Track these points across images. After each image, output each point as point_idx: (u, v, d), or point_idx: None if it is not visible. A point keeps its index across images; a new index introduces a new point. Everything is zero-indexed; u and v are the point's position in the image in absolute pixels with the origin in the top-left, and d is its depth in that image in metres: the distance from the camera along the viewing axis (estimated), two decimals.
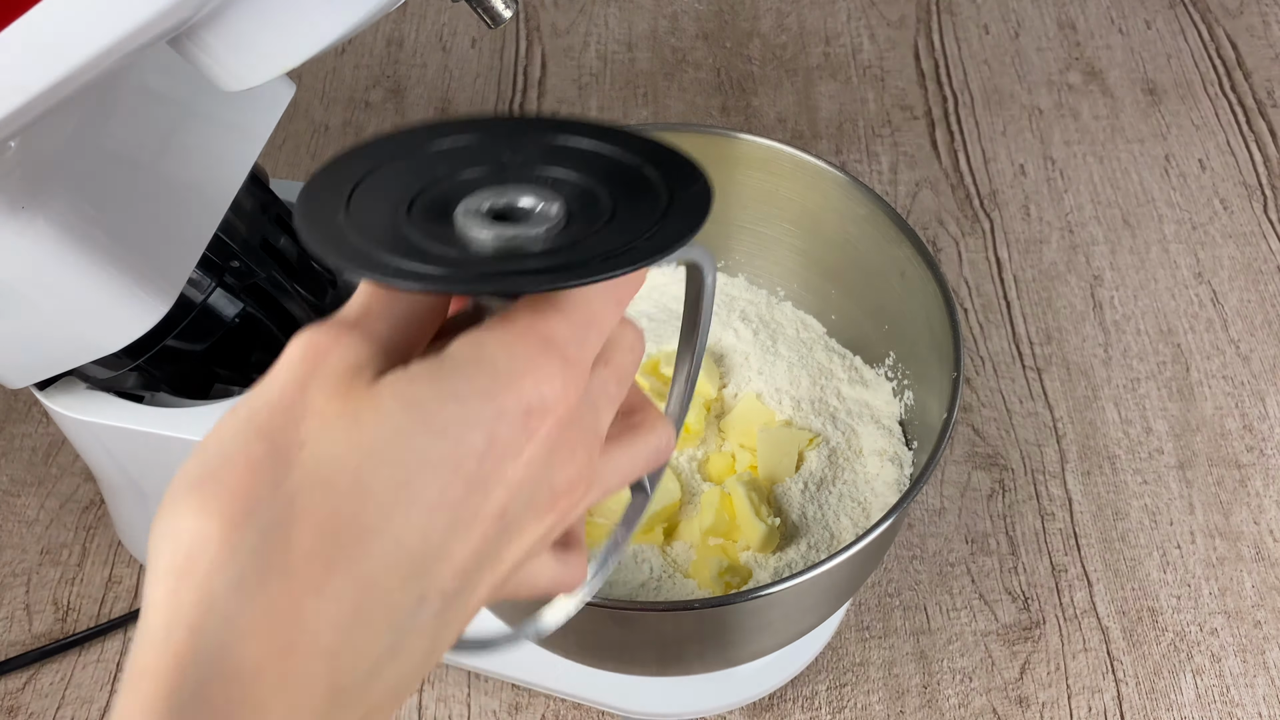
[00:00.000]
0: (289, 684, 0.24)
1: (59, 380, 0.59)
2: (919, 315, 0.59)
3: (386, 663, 0.26)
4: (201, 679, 0.23)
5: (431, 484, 0.26)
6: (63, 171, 0.47)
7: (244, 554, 0.24)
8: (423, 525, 0.26)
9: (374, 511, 0.25)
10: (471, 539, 0.26)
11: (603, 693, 0.66)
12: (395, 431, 0.25)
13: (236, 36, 0.33)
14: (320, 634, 0.24)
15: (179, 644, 0.24)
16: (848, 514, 0.59)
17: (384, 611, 0.25)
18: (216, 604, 0.24)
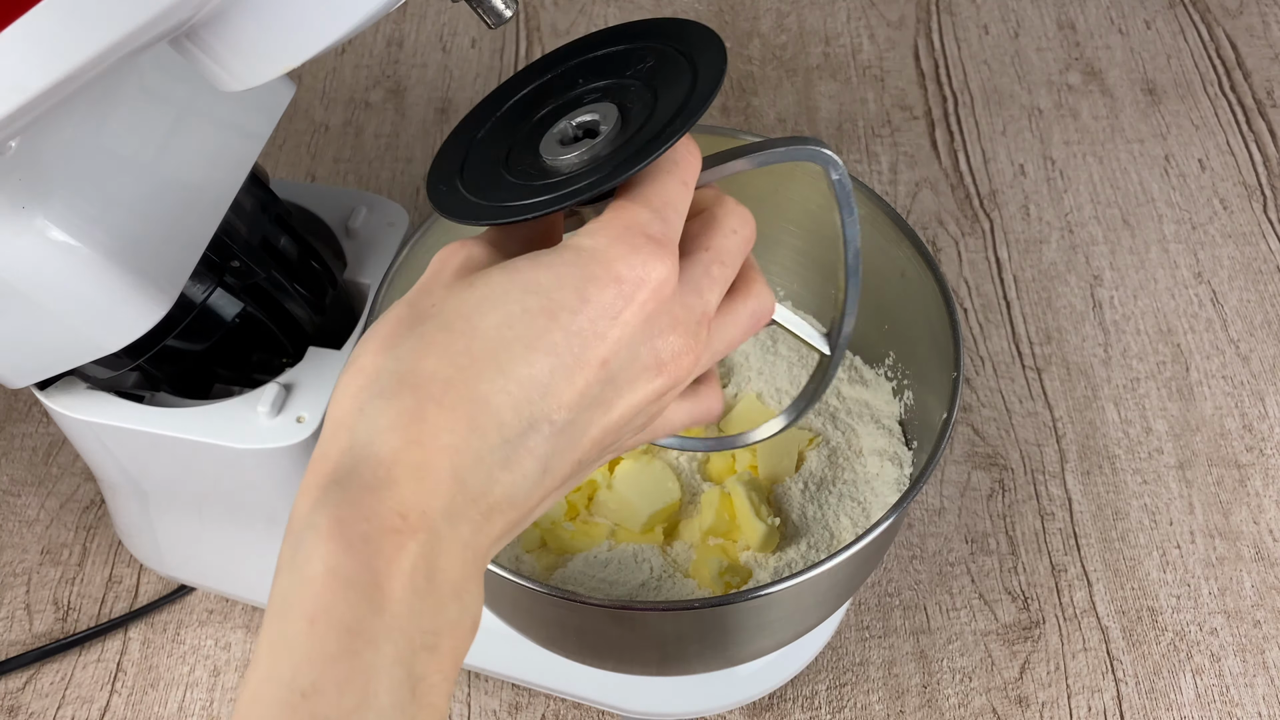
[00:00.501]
0: (419, 470, 0.31)
1: (59, 380, 0.59)
2: (919, 315, 0.59)
3: (499, 470, 0.32)
4: (354, 461, 0.31)
5: (530, 329, 0.32)
6: (63, 171, 0.47)
7: (385, 375, 0.32)
8: (526, 361, 0.32)
9: (481, 345, 0.32)
10: (576, 382, 0.33)
11: (603, 692, 0.66)
12: (500, 290, 0.33)
13: (237, 37, 0.33)
14: (441, 434, 0.31)
15: (341, 439, 0.32)
16: (848, 514, 0.59)
17: (495, 426, 0.32)
18: (365, 410, 0.32)
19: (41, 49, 0.31)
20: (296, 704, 0.28)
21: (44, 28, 0.31)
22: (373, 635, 0.29)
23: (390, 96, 1.03)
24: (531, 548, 0.60)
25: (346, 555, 0.29)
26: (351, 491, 0.30)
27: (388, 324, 0.33)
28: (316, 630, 0.29)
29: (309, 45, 0.34)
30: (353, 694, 0.29)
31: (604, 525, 0.61)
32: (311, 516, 0.30)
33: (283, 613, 0.30)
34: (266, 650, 0.29)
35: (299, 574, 0.30)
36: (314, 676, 0.28)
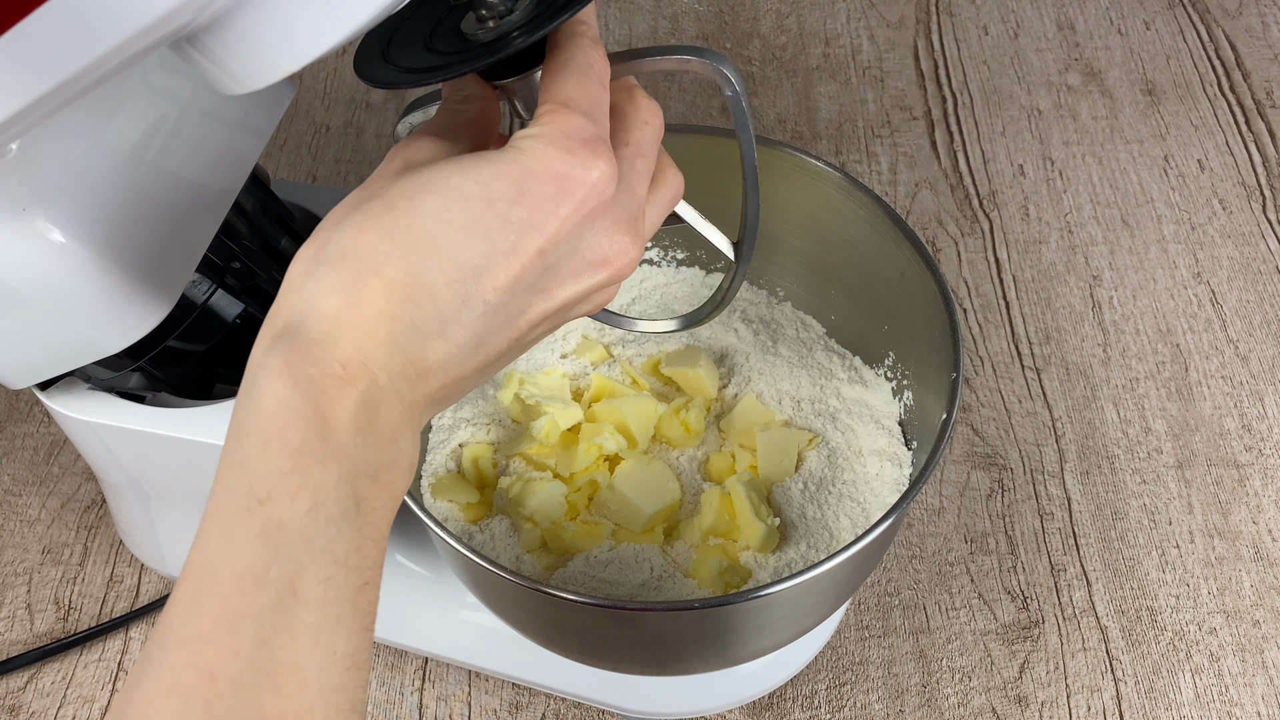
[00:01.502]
0: (357, 329, 0.34)
1: (60, 380, 0.59)
2: (918, 315, 0.59)
3: (434, 339, 0.35)
4: (301, 317, 0.35)
5: (467, 213, 0.35)
6: (64, 173, 0.47)
7: (332, 246, 0.35)
8: (461, 243, 0.35)
9: (421, 225, 0.35)
10: (511, 268, 0.36)
11: (603, 692, 0.66)
12: (443, 177, 0.36)
13: (237, 41, 0.33)
14: (378, 299, 0.35)
15: (291, 299, 0.35)
16: (847, 514, 0.59)
17: (429, 298, 0.35)
18: (312, 274, 0.35)
19: (42, 53, 0.31)
20: (254, 509, 0.33)
21: (45, 32, 0.31)
22: (320, 456, 0.33)
23: (391, 96, 1.03)
24: (532, 548, 0.60)
25: (295, 392, 0.34)
26: (299, 341, 0.34)
27: (342, 205, 0.37)
28: (270, 449, 0.33)
29: (310, 49, 0.34)
30: (304, 500, 0.33)
31: (604, 525, 0.61)
32: (264, 359, 0.34)
33: (239, 438, 0.34)
34: (226, 469, 0.34)
35: (253, 405, 0.34)
36: (269, 486, 0.33)
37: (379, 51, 0.40)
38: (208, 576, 0.33)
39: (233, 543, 0.33)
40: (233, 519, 0.33)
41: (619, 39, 1.08)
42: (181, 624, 0.32)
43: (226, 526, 0.33)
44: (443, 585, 0.68)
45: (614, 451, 0.62)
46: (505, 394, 0.64)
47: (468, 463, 0.63)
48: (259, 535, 0.33)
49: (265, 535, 0.33)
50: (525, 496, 0.60)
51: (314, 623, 0.33)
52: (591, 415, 0.64)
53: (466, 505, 0.61)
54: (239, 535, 0.33)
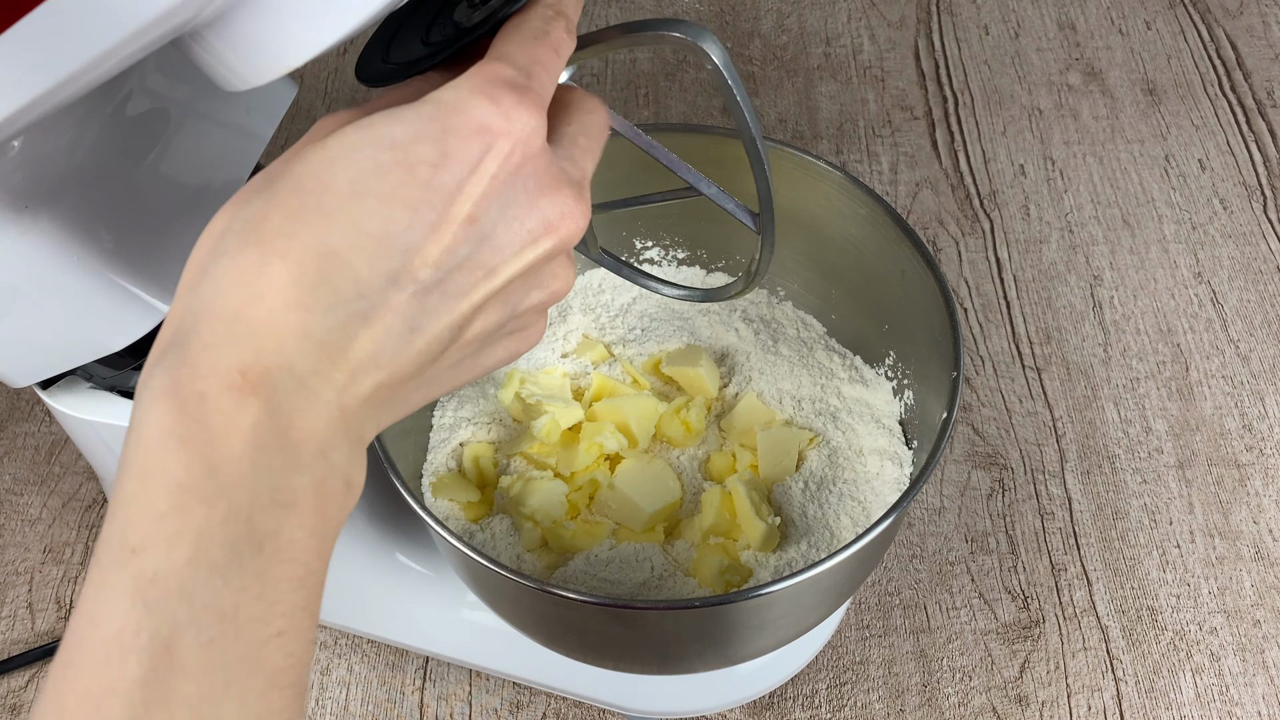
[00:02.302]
0: (261, 325, 0.30)
1: (62, 379, 0.59)
2: (919, 315, 0.59)
3: (359, 326, 0.31)
4: (195, 321, 0.30)
5: (384, 182, 0.30)
6: (66, 171, 0.47)
7: (230, 236, 0.31)
8: (381, 215, 0.30)
9: (331, 200, 0.30)
10: (441, 239, 0.31)
11: (603, 691, 0.66)
12: (352, 146, 0.31)
13: (239, 37, 0.33)
14: (286, 288, 0.30)
15: (183, 301, 0.31)
16: (848, 513, 0.59)
17: (348, 280, 0.30)
18: (207, 269, 0.30)
19: (44, 49, 0.31)
20: (126, 560, 0.28)
21: (47, 28, 0.31)
22: (205, 492, 0.29)
23: None
24: (532, 547, 0.60)
25: (180, 415, 0.29)
26: (190, 351, 0.29)
27: (247, 187, 0.32)
28: (148, 487, 0.29)
29: (312, 45, 0.34)
30: (183, 548, 0.28)
31: (605, 524, 0.61)
32: (148, 379, 0.30)
33: (120, 476, 0.29)
34: (108, 515, 0.29)
35: (135, 435, 0.29)
36: (142, 533, 0.28)
37: (380, 55, 0.40)
38: (77, 644, 0.28)
39: (103, 602, 0.28)
40: (105, 573, 0.28)
41: None
42: (46, 702, 0.28)
43: (99, 583, 0.29)
44: (443, 584, 0.68)
45: (615, 451, 0.62)
46: (506, 393, 0.64)
47: (468, 462, 0.63)
48: (130, 592, 0.28)
49: (137, 592, 0.28)
50: (526, 495, 0.60)
51: (195, 694, 0.28)
52: (592, 414, 0.64)
53: (467, 504, 0.61)
54: (110, 593, 0.28)
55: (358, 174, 0.31)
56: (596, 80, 1.04)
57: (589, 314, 0.69)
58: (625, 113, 1.01)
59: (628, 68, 1.05)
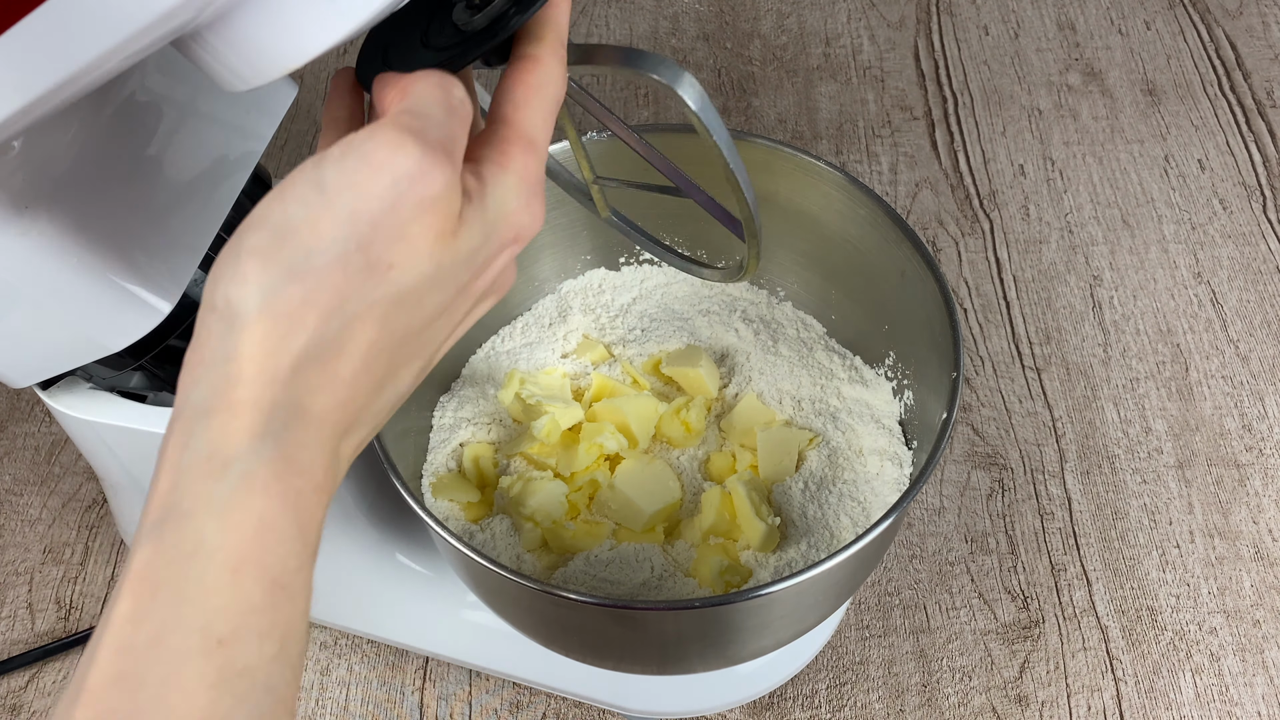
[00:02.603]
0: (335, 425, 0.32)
1: (62, 380, 0.59)
2: (919, 315, 0.59)
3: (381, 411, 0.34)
4: (289, 415, 0.31)
5: (454, 300, 0.34)
6: (66, 172, 0.47)
7: (328, 339, 0.31)
8: (439, 327, 0.34)
9: (418, 320, 0.33)
10: (452, 323, 0.35)
11: (603, 691, 0.66)
12: (455, 272, 0.33)
13: (240, 38, 0.33)
14: (360, 394, 0.32)
15: (275, 393, 0.30)
16: (848, 513, 0.59)
17: (394, 380, 0.34)
18: (302, 370, 0.31)
19: (45, 49, 0.31)
20: (211, 650, 0.28)
21: (47, 29, 0.31)
22: (294, 590, 0.30)
23: None
24: (532, 547, 0.60)
25: (283, 510, 0.30)
26: (288, 447, 0.30)
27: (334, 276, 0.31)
28: (241, 579, 0.29)
29: (312, 46, 0.34)
30: (272, 643, 0.29)
31: (605, 525, 0.61)
32: (245, 465, 0.30)
33: (193, 555, 0.29)
34: (169, 593, 0.29)
35: (226, 520, 0.29)
36: (233, 625, 0.29)
37: (379, 56, 0.40)
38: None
39: (180, 691, 0.28)
40: (181, 660, 0.28)
41: (619, 39, 1.08)
42: None
43: (173, 669, 0.28)
44: (443, 585, 0.68)
45: (615, 451, 0.62)
46: (506, 394, 0.64)
47: (468, 462, 0.63)
48: (216, 684, 0.28)
49: (225, 684, 0.28)
50: (526, 496, 0.60)
51: None
52: (592, 415, 0.64)
53: (467, 505, 0.61)
54: (189, 681, 0.28)
55: (444, 298, 0.33)
56: (596, 80, 1.04)
57: (589, 314, 0.69)
58: (625, 113, 1.01)
59: None
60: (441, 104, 0.33)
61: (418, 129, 0.32)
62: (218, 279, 0.31)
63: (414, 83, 0.34)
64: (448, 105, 0.33)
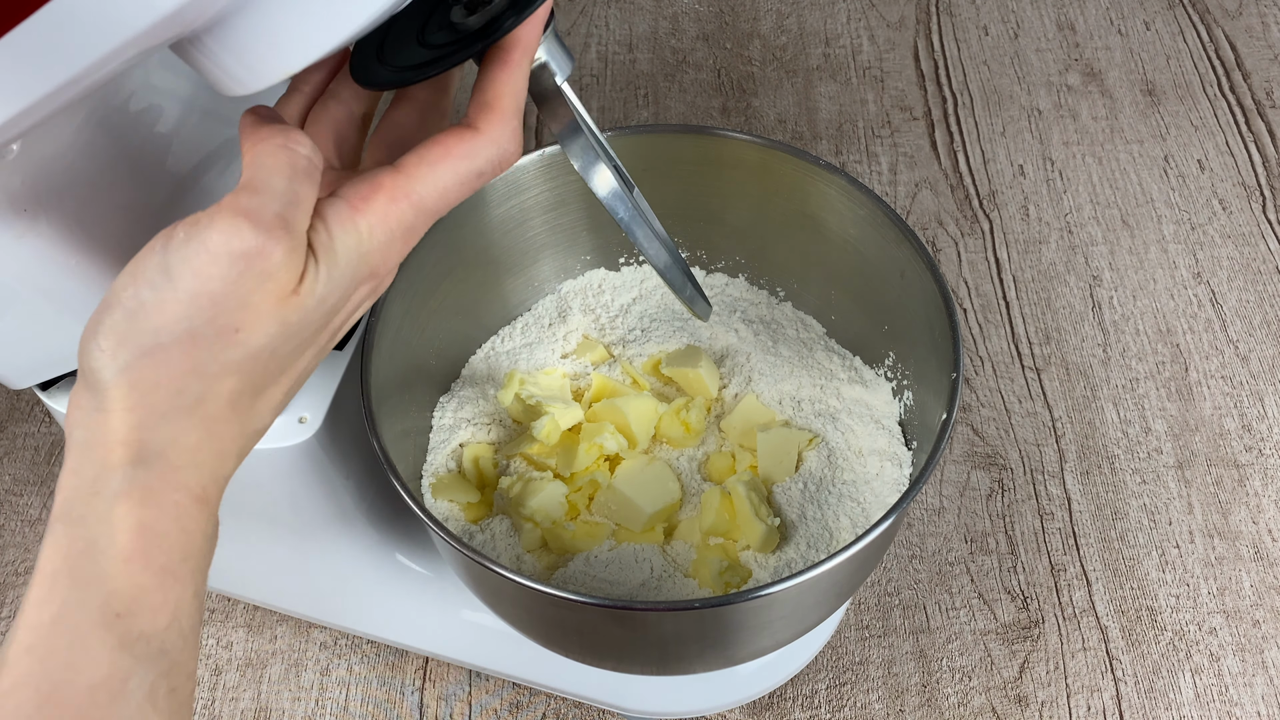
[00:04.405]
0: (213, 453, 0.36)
1: (61, 380, 0.59)
2: (918, 315, 0.59)
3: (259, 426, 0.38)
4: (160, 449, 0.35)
5: (312, 338, 0.38)
6: (65, 174, 0.47)
7: (189, 393, 0.35)
8: (303, 359, 0.38)
9: (276, 365, 0.37)
10: (316, 350, 0.39)
11: (603, 692, 0.66)
12: (306, 321, 0.37)
13: (239, 42, 0.33)
14: (231, 426, 0.37)
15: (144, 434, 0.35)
16: (847, 514, 0.59)
17: (266, 405, 0.38)
18: (168, 418, 0.35)
19: (44, 54, 0.31)
20: (111, 622, 0.34)
21: (47, 33, 0.31)
22: (181, 575, 0.35)
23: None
24: (532, 548, 0.60)
25: (160, 515, 0.35)
26: (160, 469, 0.35)
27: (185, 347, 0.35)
28: (132, 567, 0.34)
29: (310, 50, 0.34)
30: (164, 615, 0.35)
31: (605, 525, 0.61)
32: (119, 485, 0.35)
33: (89, 553, 0.34)
34: (70, 581, 0.34)
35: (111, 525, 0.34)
36: (129, 601, 0.34)
37: (374, 54, 0.40)
38: (54, 688, 0.33)
39: (85, 654, 0.33)
40: (84, 631, 0.33)
41: (619, 39, 1.08)
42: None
43: (76, 638, 0.33)
44: (443, 585, 0.68)
45: (614, 451, 0.62)
46: (506, 394, 0.64)
47: (468, 463, 0.63)
48: (117, 647, 0.33)
49: (125, 647, 0.34)
50: (526, 496, 0.60)
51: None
52: (592, 415, 0.64)
53: (467, 505, 0.61)
54: (93, 646, 0.33)
55: (301, 340, 0.37)
56: (596, 81, 1.04)
57: (589, 314, 0.69)
58: (625, 113, 1.01)
59: (627, 68, 1.05)
60: (284, 171, 0.36)
61: (254, 209, 0.34)
62: (83, 348, 0.35)
63: (257, 146, 0.36)
64: (291, 170, 0.36)
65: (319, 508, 0.63)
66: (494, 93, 0.39)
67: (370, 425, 0.53)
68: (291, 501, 0.62)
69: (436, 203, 0.38)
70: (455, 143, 0.38)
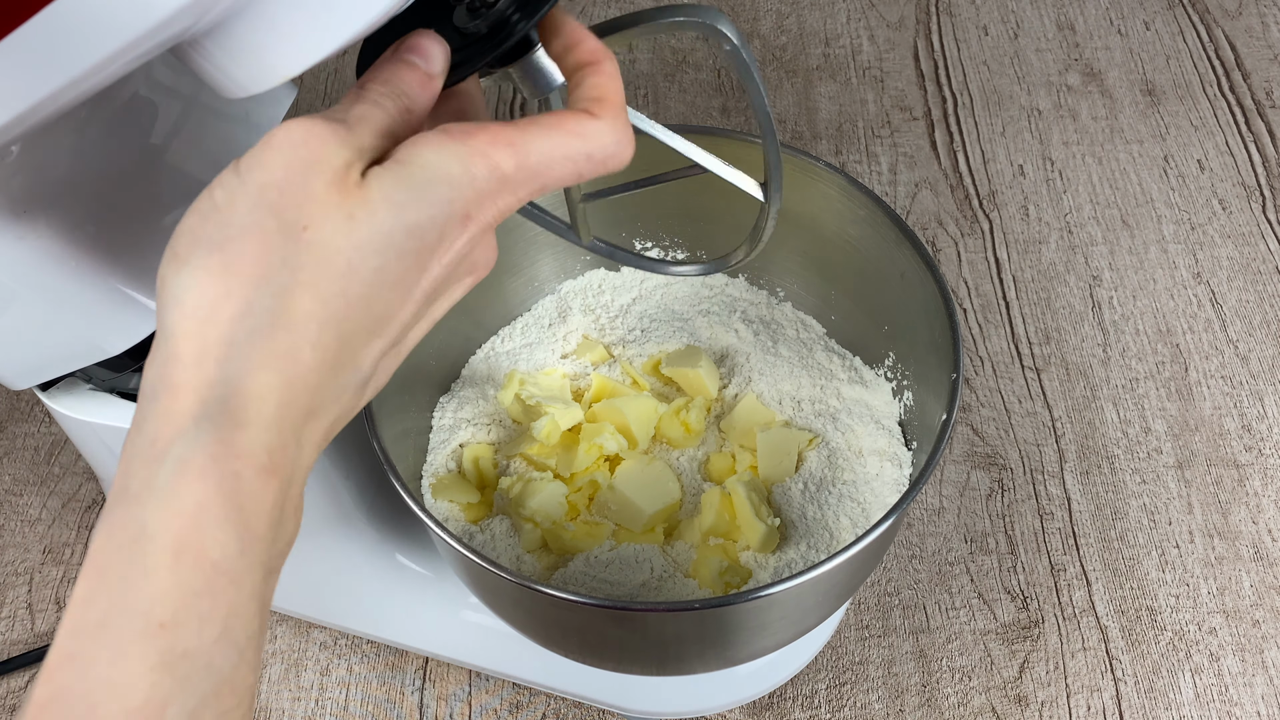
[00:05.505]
0: (284, 406, 0.32)
1: (61, 381, 0.59)
2: (918, 316, 0.59)
3: (343, 393, 0.34)
4: (225, 394, 0.31)
5: (397, 268, 0.33)
6: (65, 175, 0.47)
7: (259, 310, 0.31)
8: (387, 298, 0.33)
9: (356, 288, 0.32)
10: (411, 300, 0.34)
11: (603, 692, 0.66)
12: (384, 233, 0.32)
13: (237, 45, 0.33)
14: (310, 373, 0.32)
15: (209, 371, 0.31)
16: (847, 514, 0.59)
17: (351, 358, 0.33)
18: (237, 344, 0.31)
19: (44, 57, 0.31)
20: (153, 633, 0.29)
21: (46, 36, 0.31)
22: (236, 574, 0.30)
23: None
24: (532, 548, 0.60)
25: (218, 494, 0.30)
26: (224, 429, 0.30)
27: (252, 243, 0.32)
28: (182, 565, 0.30)
29: (310, 53, 0.34)
30: (213, 626, 0.30)
31: (605, 525, 0.61)
32: (181, 449, 0.30)
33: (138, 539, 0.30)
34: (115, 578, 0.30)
35: (166, 505, 0.30)
36: (174, 609, 0.29)
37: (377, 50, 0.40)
38: (88, 711, 0.29)
39: (124, 672, 0.29)
40: (125, 643, 0.29)
41: None
42: None
43: (118, 651, 0.29)
44: (443, 585, 0.68)
45: (614, 452, 0.62)
46: (506, 394, 0.64)
47: (468, 463, 0.63)
48: (158, 666, 0.29)
49: (166, 667, 0.29)
50: (526, 497, 0.60)
51: None
52: (592, 415, 0.64)
53: (467, 505, 0.61)
54: (133, 664, 0.29)
55: (382, 263, 0.33)
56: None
57: (589, 315, 0.69)
58: None
59: (627, 68, 1.05)
60: (351, 99, 0.35)
61: (322, 113, 0.33)
62: (161, 272, 0.33)
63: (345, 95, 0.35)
64: (358, 98, 0.35)
65: (319, 508, 0.63)
66: (601, 90, 0.37)
67: (370, 425, 0.53)
68: None
69: (539, 165, 0.35)
70: (573, 121, 0.36)
